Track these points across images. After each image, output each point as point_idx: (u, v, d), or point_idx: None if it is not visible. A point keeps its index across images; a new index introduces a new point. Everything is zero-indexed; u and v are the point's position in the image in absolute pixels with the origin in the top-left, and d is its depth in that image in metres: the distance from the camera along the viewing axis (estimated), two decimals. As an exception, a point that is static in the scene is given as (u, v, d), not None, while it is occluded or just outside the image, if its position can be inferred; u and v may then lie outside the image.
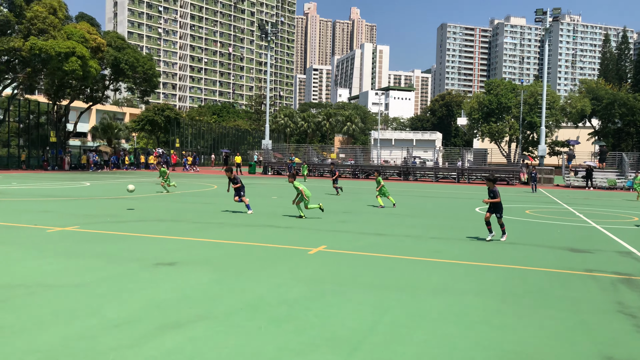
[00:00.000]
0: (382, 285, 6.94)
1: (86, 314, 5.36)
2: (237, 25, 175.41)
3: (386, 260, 8.65)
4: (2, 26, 37.92)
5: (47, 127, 49.12)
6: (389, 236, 11.38)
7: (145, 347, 4.49)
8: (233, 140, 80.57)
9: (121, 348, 4.46)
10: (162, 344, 4.57)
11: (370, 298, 6.27)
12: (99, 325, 5.04)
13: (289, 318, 5.41)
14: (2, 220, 12.23)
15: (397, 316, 5.59)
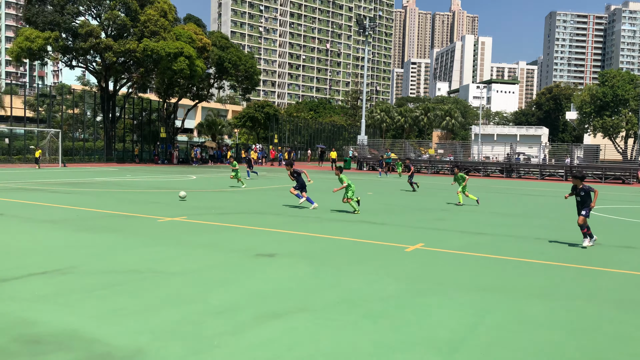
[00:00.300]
0: (482, 286, 6.68)
1: (192, 300, 5.66)
2: (334, 22, 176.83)
3: (487, 261, 8.32)
4: (119, 30, 41.05)
5: (158, 123, 52.53)
6: (489, 235, 10.94)
7: (246, 335, 4.65)
8: (329, 136, 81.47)
9: (224, 334, 4.65)
10: (261, 333, 4.72)
11: (470, 299, 6.06)
12: (204, 311, 5.30)
13: (385, 314, 5.36)
14: (118, 210, 13.25)
15: (499, 319, 5.35)
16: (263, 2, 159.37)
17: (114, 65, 42.29)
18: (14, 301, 5.42)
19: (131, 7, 40.41)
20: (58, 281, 6.29)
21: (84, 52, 40.53)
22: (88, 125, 50.07)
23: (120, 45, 39.38)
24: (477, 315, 5.43)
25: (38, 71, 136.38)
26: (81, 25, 39.20)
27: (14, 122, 44.47)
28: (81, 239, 9.12)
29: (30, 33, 38.28)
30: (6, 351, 4.15)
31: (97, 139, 48.20)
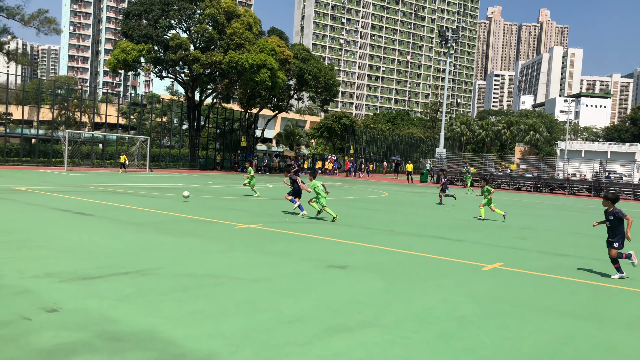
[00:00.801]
0: (564, 311, 6.30)
1: (265, 308, 5.74)
2: (416, 33, 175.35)
3: (570, 284, 7.85)
4: (207, 42, 42.90)
5: (239, 132, 54.24)
6: (574, 257, 10.32)
7: (315, 346, 4.65)
8: (405, 148, 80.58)
9: (294, 344, 4.68)
10: (331, 345, 4.70)
11: (550, 324, 5.72)
12: (275, 319, 5.36)
13: (459, 335, 5.17)
14: (199, 215, 13.75)
15: (582, 348, 5.01)
16: (345, 15, 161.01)
17: (200, 76, 44.22)
18: (99, 299, 5.75)
19: (219, 20, 42.15)
20: (139, 282, 6.60)
21: (173, 64, 42.70)
22: (174, 133, 52.58)
23: (207, 57, 41.12)
24: (557, 343, 5.12)
25: (131, 81, 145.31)
26: (172, 38, 41.37)
27: (108, 129, 47.57)
28: (163, 242, 9.54)
29: (126, 46, 40.88)
30: (90, 346, 4.40)
31: (182, 146, 50.47)
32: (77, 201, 15.47)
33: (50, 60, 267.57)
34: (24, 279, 6.37)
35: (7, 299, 5.54)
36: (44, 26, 41.03)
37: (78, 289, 6.10)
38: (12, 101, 47.63)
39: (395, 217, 15.97)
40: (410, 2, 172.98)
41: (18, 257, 7.56)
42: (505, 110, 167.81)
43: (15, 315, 5.02)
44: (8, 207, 13.26)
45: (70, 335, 4.60)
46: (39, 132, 42.07)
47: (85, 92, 78.59)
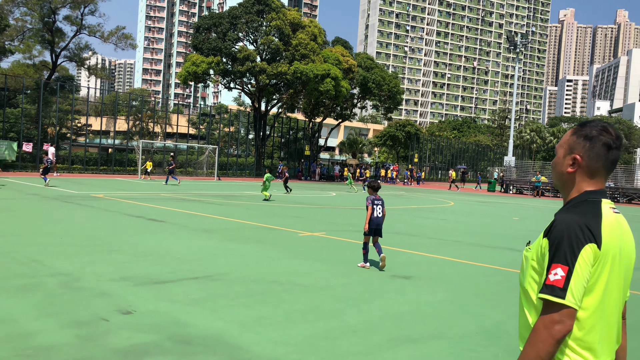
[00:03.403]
0: None
1: (329, 316, 5.76)
2: (483, 39, 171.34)
3: (653, 302, 7.36)
4: (273, 54, 43.83)
5: (303, 141, 54.89)
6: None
7: (380, 357, 4.61)
8: (472, 156, 78.62)
9: (358, 354, 4.66)
10: (395, 356, 4.64)
11: (634, 343, 5.39)
12: (339, 328, 5.36)
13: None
14: (264, 222, 14.01)
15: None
16: (410, 23, 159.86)
17: (266, 87, 45.18)
18: (170, 302, 5.97)
19: (284, 32, 42.98)
20: (208, 287, 6.80)
21: (240, 75, 43.87)
22: (241, 142, 53.95)
23: (273, 68, 41.99)
24: (639, 364, 4.81)
25: (201, 92, 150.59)
26: (239, 50, 42.56)
27: (178, 138, 49.44)
28: (230, 248, 9.78)
29: (196, 58, 42.45)
30: (161, 348, 4.57)
31: (249, 155, 51.67)
32: (150, 208, 16.16)
33: (126, 74, 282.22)
34: (102, 282, 6.71)
35: (86, 301, 5.86)
36: (121, 42, 43.33)
37: (151, 293, 6.36)
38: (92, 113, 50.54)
39: (462, 227, 15.59)
40: (477, 8, 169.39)
41: (96, 261, 7.98)
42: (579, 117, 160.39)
43: (94, 316, 5.30)
44: (87, 214, 14.04)
45: (143, 337, 4.80)
46: (115, 142, 44.35)
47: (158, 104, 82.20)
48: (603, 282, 1.81)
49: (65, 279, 6.76)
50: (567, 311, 1.73)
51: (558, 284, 1.74)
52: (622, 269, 1.87)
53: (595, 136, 1.96)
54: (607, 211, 1.88)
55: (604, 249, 1.79)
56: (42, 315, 5.25)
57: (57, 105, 38.35)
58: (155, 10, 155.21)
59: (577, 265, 1.75)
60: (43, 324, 4.99)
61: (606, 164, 1.95)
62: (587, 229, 1.79)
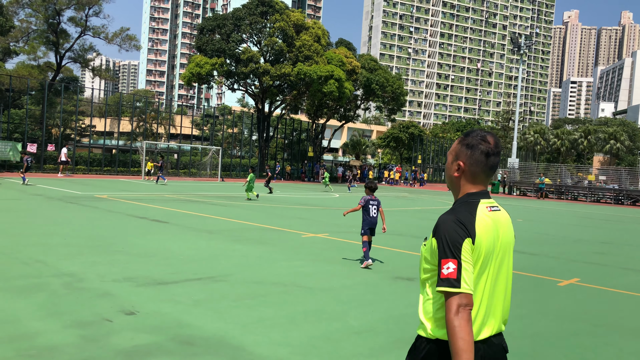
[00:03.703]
0: (651, 333, 5.89)
1: (332, 318, 5.76)
2: (487, 40, 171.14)
3: (657, 304, 7.33)
4: (276, 55, 43.87)
5: (306, 142, 54.91)
6: (661, 275, 9.63)
7: (382, 359, 4.60)
8: (477, 158, 78.40)
9: (360, 356, 4.65)
10: (398, 359, 4.63)
11: (635, 346, 5.37)
12: (342, 330, 5.36)
13: (534, 353, 4.96)
14: (267, 224, 14.02)
15: (672, 374, 4.66)
16: (413, 24, 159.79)
17: (270, 88, 45.20)
18: (173, 303, 5.97)
19: (288, 33, 43.01)
20: (211, 288, 6.80)
21: (244, 76, 43.92)
22: (244, 143, 54.01)
23: (276, 69, 42.02)
24: (643, 367, 4.80)
25: (204, 94, 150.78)
26: (243, 52, 42.61)
27: (182, 140, 49.53)
28: (233, 249, 9.79)
29: (200, 60, 42.52)
30: (164, 348, 4.58)
31: (252, 156, 51.71)
32: (153, 209, 16.18)
33: (130, 75, 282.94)
34: (105, 283, 6.73)
35: (89, 301, 5.88)
36: (125, 43, 43.44)
37: (154, 294, 6.37)
38: (96, 114, 50.69)
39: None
40: (481, 9, 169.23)
41: (100, 262, 8.00)
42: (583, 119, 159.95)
43: (97, 317, 5.31)
44: (91, 214, 14.07)
45: (146, 338, 4.81)
46: (119, 143, 44.48)
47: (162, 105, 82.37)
48: (478, 269, 2.13)
49: (68, 280, 6.78)
50: (465, 296, 2.02)
51: (452, 276, 2.03)
52: (499, 256, 2.21)
53: (475, 145, 2.26)
54: (483, 210, 2.20)
55: (478, 243, 2.12)
56: (45, 316, 5.27)
57: (61, 106, 38.48)
58: (160, 12, 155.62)
59: (462, 257, 2.05)
60: (46, 324, 5.01)
61: (485, 169, 2.25)
62: (463, 226, 2.11)
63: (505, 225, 2.28)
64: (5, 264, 7.55)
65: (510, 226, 2.31)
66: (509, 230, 2.29)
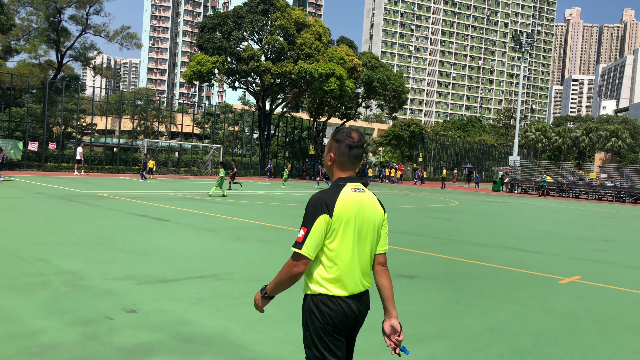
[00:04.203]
0: (653, 331, 5.88)
1: (332, 315, 5.75)
2: (488, 38, 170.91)
3: (659, 302, 7.32)
4: (277, 53, 43.84)
5: (308, 141, 54.90)
6: (663, 273, 9.63)
7: (384, 356, 4.62)
8: (477, 156, 78.45)
9: (362, 353, 4.66)
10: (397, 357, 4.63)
11: (637, 344, 5.37)
12: (343, 327, 5.36)
13: (534, 351, 4.96)
14: (269, 222, 14.02)
15: (674, 372, 4.66)
16: (415, 22, 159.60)
17: (271, 86, 45.19)
18: (175, 301, 5.98)
19: (289, 31, 42.98)
20: (213, 286, 6.81)
21: (245, 74, 43.91)
22: (246, 141, 54.03)
23: (277, 67, 42.00)
24: (645, 364, 4.79)
25: (206, 92, 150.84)
26: (244, 50, 42.59)
27: (183, 138, 49.55)
28: (235, 247, 9.80)
29: (201, 58, 42.51)
30: (165, 346, 4.58)
31: (253, 154, 51.72)
32: (155, 207, 16.20)
33: (131, 73, 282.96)
34: (107, 281, 6.74)
35: (91, 299, 5.89)
36: (126, 41, 43.45)
37: (155, 292, 6.38)
38: (97, 112, 50.72)
39: (467, 227, 15.56)
40: (483, 7, 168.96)
41: (101, 260, 8.01)
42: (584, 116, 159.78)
43: (99, 315, 5.32)
44: (92, 212, 14.09)
45: (147, 335, 4.81)
46: (120, 141, 44.50)
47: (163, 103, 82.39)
48: (339, 239, 2.63)
49: (70, 278, 6.79)
50: (303, 260, 2.62)
51: (299, 240, 2.61)
52: (357, 228, 2.67)
53: (342, 140, 2.79)
54: (347, 191, 2.68)
55: (336, 217, 2.61)
56: (47, 314, 5.28)
57: (62, 105, 38.49)
58: (161, 10, 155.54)
59: (313, 228, 2.59)
60: (48, 323, 5.02)
61: (350, 158, 2.78)
62: (325, 204, 2.61)
63: (369, 204, 2.76)
64: (7, 262, 7.56)
65: (374, 206, 2.78)
66: (371, 208, 2.76)
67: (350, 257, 2.67)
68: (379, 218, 2.80)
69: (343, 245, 2.65)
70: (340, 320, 2.66)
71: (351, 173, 2.80)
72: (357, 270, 2.71)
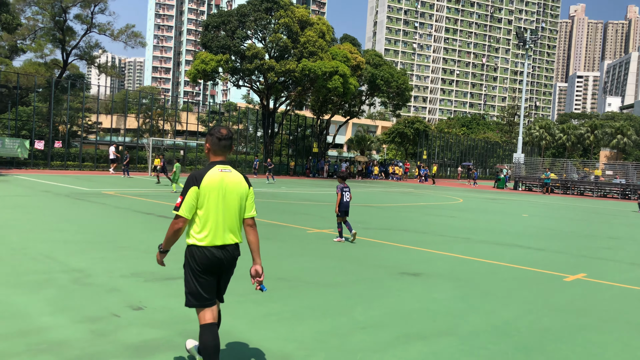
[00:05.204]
0: (658, 328, 5.88)
1: (338, 313, 5.78)
2: (492, 35, 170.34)
3: (664, 299, 7.31)
4: (281, 51, 43.83)
5: (311, 138, 54.89)
6: (668, 270, 9.60)
7: (389, 354, 4.63)
8: (481, 153, 78.29)
9: (367, 350, 4.68)
10: (405, 353, 4.66)
11: (632, 342, 5.37)
12: (348, 324, 5.39)
13: (540, 348, 4.97)
14: (273, 219, 14.06)
15: (679, 369, 4.66)
16: (418, 19, 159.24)
17: (275, 85, 45.19)
18: (180, 298, 5.98)
19: (293, 29, 42.94)
20: (218, 283, 6.83)
21: (249, 73, 43.91)
22: (250, 139, 54.07)
23: (281, 65, 42.00)
24: (650, 361, 4.80)
25: (210, 90, 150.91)
26: (248, 48, 42.58)
27: (188, 136, 49.63)
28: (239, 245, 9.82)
29: (205, 57, 42.54)
30: (172, 343, 4.62)
31: (257, 152, 51.77)
32: (160, 205, 16.25)
33: (136, 72, 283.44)
34: (113, 278, 6.78)
35: (98, 297, 5.93)
36: (130, 40, 43.54)
37: (161, 289, 6.42)
38: (102, 111, 50.84)
39: (471, 224, 15.55)
40: (486, 4, 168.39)
41: (107, 258, 8.06)
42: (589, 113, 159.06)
43: (106, 312, 5.36)
44: (98, 210, 14.16)
45: (154, 332, 4.85)
46: (125, 140, 44.62)
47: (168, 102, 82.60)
48: (206, 203, 3.69)
49: (77, 275, 6.84)
50: (181, 219, 3.70)
51: (177, 205, 3.70)
52: (221, 197, 3.72)
53: (213, 134, 3.86)
54: (214, 170, 3.76)
55: (202, 188, 3.68)
56: (55, 311, 5.32)
57: (68, 103, 38.62)
58: (165, 9, 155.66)
59: (187, 197, 3.68)
60: (56, 319, 5.06)
61: (220, 147, 3.85)
62: (195, 178, 3.71)
63: (233, 180, 3.80)
64: (15, 259, 7.62)
65: (238, 182, 3.82)
66: (235, 183, 3.80)
67: (214, 218, 3.69)
68: (243, 190, 3.83)
69: (208, 209, 3.68)
70: (204, 263, 3.69)
71: (222, 158, 3.85)
72: (220, 228, 3.72)
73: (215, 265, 3.72)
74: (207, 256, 3.67)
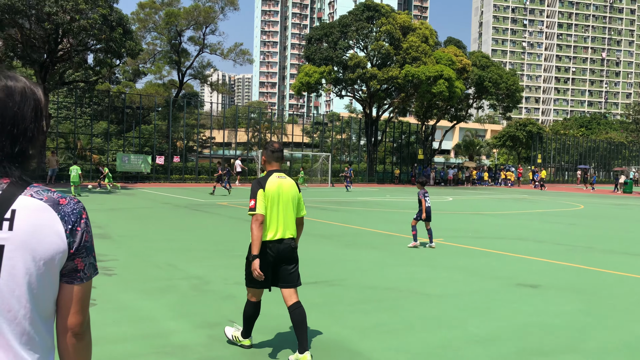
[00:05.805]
0: None
1: (451, 325, 5.59)
2: (613, 27, 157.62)
3: None
4: (383, 59, 43.75)
5: (416, 145, 54.05)
6: None
7: None
8: (603, 155, 72.39)
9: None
10: (524, 370, 4.38)
11: None
12: (461, 337, 5.18)
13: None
14: (377, 228, 13.98)
15: None
16: (527, 16, 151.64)
17: (377, 92, 45.18)
18: (291, 306, 6.14)
19: (394, 36, 42.75)
20: (327, 292, 6.91)
21: (351, 82, 44.31)
22: (353, 148, 54.43)
23: (383, 73, 41.91)
24: None
25: (314, 102, 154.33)
26: (350, 58, 43.02)
27: (293, 147, 51.04)
28: (346, 254, 9.88)
29: (309, 69, 43.61)
30: (282, 350, 4.71)
31: (360, 161, 51.95)
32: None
33: (244, 88, 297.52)
34: (228, 285, 7.10)
35: (215, 303, 6.23)
36: (239, 57, 45.75)
37: (273, 297, 6.59)
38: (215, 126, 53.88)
39: (595, 232, 14.40)
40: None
41: (223, 265, 8.46)
42: None
43: (222, 318, 5.61)
44: (214, 220, 14.95)
45: (268, 339, 4.99)
46: (236, 153, 46.87)
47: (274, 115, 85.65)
48: (269, 205, 4.39)
49: (196, 282, 7.24)
50: (258, 216, 4.33)
51: (252, 207, 4.37)
52: (283, 200, 4.46)
53: (267, 147, 4.61)
54: (273, 177, 4.49)
55: (266, 192, 4.39)
56: (177, 316, 5.67)
57: (184, 120, 41.38)
58: (270, 25, 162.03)
59: (258, 198, 4.37)
60: (178, 324, 5.38)
61: (274, 158, 4.57)
62: (260, 183, 4.44)
63: (288, 185, 4.54)
64: (141, 267, 8.24)
65: (292, 186, 4.58)
66: (289, 187, 4.54)
67: (275, 217, 4.41)
68: (295, 193, 4.58)
69: (274, 209, 4.41)
70: (267, 254, 4.38)
71: (277, 167, 4.57)
72: (281, 225, 4.42)
73: (273, 255, 4.38)
74: (270, 248, 4.36)
